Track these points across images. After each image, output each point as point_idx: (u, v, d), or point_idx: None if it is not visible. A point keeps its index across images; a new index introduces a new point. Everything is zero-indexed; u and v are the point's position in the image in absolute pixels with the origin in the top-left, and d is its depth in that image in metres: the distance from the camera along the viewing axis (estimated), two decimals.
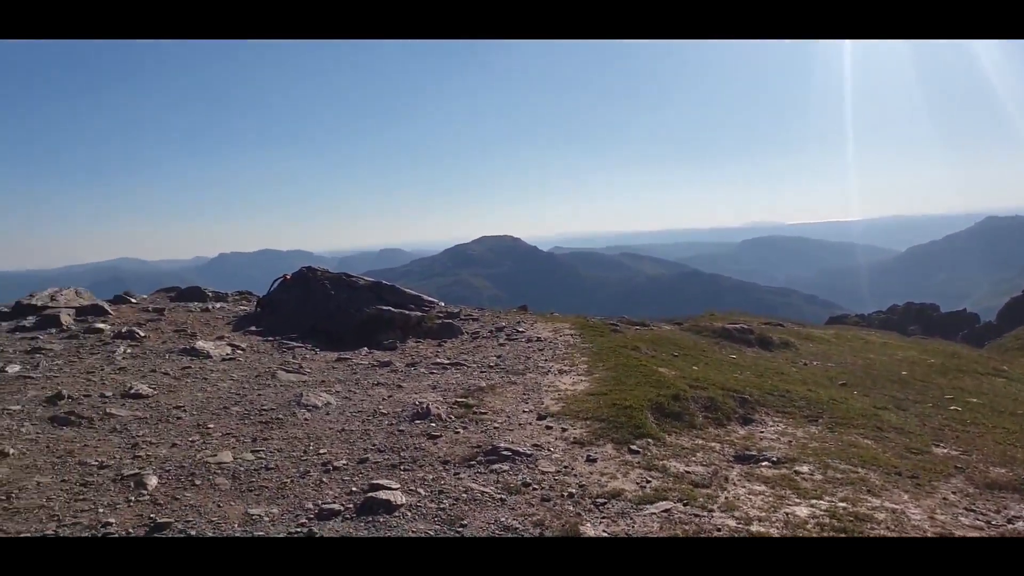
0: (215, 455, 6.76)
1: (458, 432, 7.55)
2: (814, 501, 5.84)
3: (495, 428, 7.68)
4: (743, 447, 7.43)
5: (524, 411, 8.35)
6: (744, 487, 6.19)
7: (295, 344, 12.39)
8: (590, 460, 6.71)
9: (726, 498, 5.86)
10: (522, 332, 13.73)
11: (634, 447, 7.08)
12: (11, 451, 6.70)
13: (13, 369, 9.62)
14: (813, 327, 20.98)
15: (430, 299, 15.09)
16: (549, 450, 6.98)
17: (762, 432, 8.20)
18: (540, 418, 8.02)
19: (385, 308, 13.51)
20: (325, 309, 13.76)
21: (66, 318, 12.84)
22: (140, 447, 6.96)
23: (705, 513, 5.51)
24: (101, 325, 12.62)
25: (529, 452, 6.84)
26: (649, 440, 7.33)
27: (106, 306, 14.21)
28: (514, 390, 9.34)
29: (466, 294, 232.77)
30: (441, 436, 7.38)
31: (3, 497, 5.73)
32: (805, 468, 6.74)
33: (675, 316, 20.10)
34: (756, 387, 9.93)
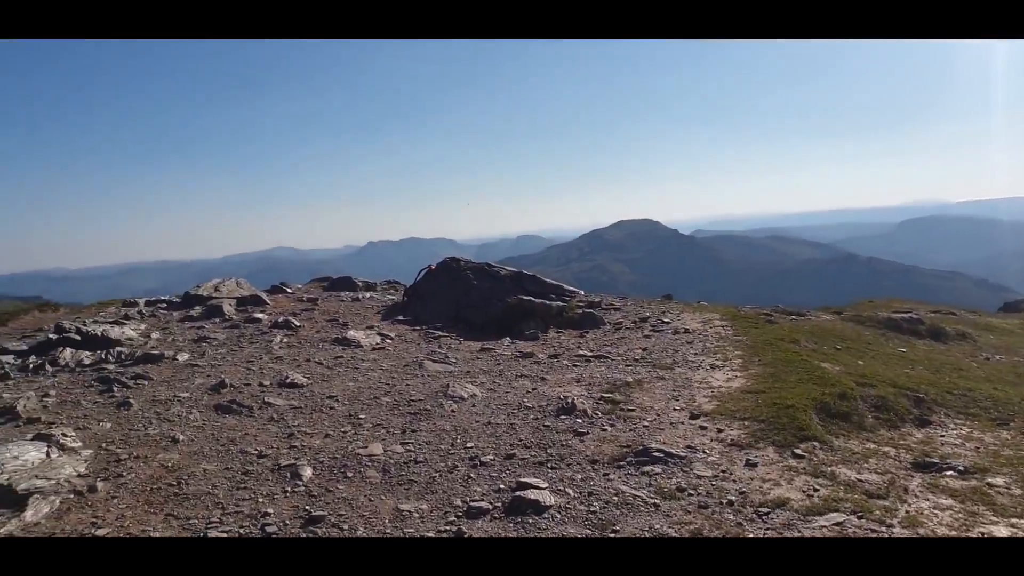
0: (366, 447, 6.87)
1: (605, 429, 7.32)
2: (1015, 520, 5.17)
3: (644, 427, 7.39)
4: (922, 453, 6.75)
5: (675, 409, 8.00)
6: (927, 500, 5.59)
7: (440, 333, 12.54)
8: (750, 464, 6.30)
9: (907, 512, 5.31)
10: (668, 323, 13.29)
11: (798, 451, 6.60)
12: (181, 437, 7.09)
13: (183, 357, 10.25)
14: (991, 316, 19.16)
15: (571, 288, 14.91)
16: (704, 452, 6.63)
17: (942, 436, 7.43)
18: (693, 417, 7.65)
19: (526, 298, 13.44)
20: (468, 299, 13.87)
21: (228, 308, 13.60)
22: (296, 437, 7.18)
23: (883, 528, 5.01)
24: (260, 315, 13.27)
25: (683, 454, 6.52)
26: (815, 443, 6.81)
27: (264, 296, 14.96)
28: (663, 386, 8.99)
29: (604, 280, 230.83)
30: (588, 433, 7.18)
31: (174, 483, 6.04)
32: (1000, 480, 6.01)
33: (829, 304, 18.93)
34: (932, 385, 9.07)
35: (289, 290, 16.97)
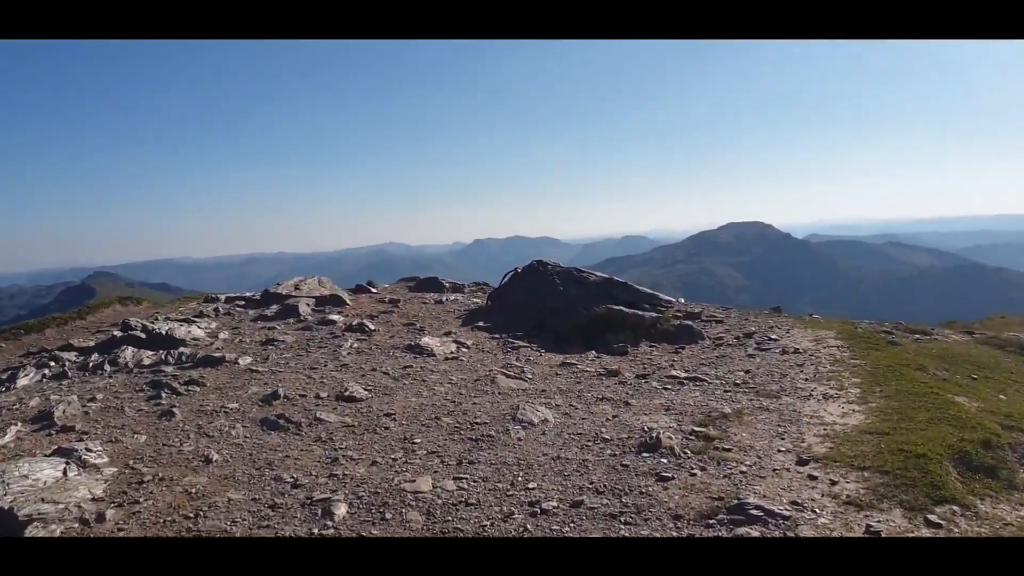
0: (414, 480, 6.02)
1: (695, 474, 6.18)
2: None
3: (741, 473, 6.19)
4: None
5: (779, 450, 6.75)
6: None
7: (521, 343, 11.62)
8: (871, 532, 5.07)
9: None
10: (775, 340, 11.91)
11: (932, 516, 5.29)
12: (215, 457, 6.44)
13: (245, 361, 9.71)
14: None
15: (666, 297, 13.71)
16: (814, 512, 5.40)
17: None
18: (800, 463, 6.39)
19: (616, 308, 12.34)
20: (553, 305, 12.90)
21: (304, 308, 13.10)
22: (339, 463, 6.41)
23: None
24: (335, 316, 12.71)
25: (786, 513, 5.32)
26: (953, 507, 5.47)
27: (345, 296, 14.43)
28: (766, 419, 7.72)
29: (710, 283, 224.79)
30: (673, 478, 6.07)
31: (192, 515, 5.36)
32: None
33: (954, 318, 16.91)
34: None
35: (374, 290, 16.44)
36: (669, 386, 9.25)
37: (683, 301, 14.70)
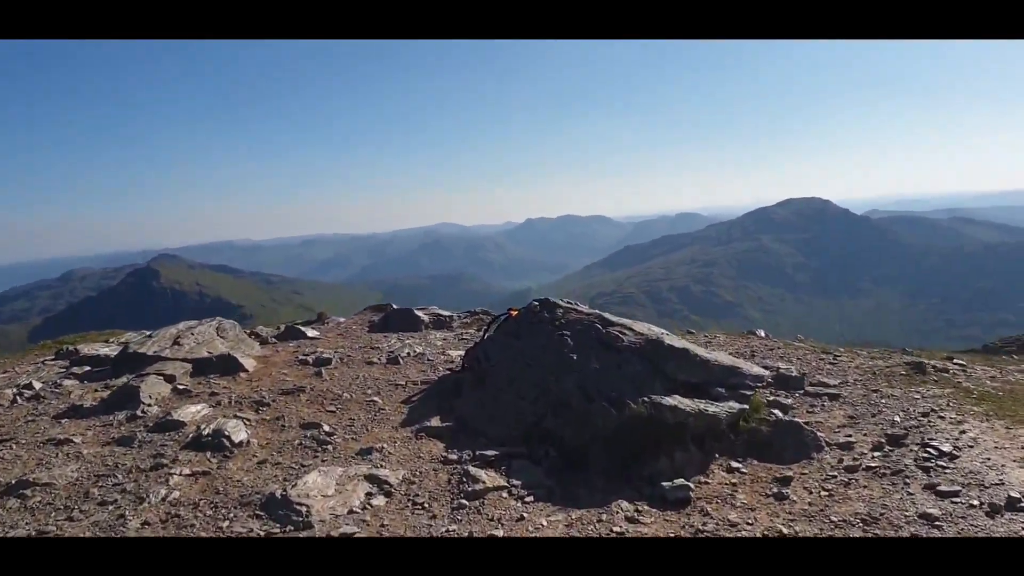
0: None
1: None
2: None
3: None
4: None
5: None
6: None
7: (492, 476, 6.39)
8: None
9: None
10: (946, 454, 6.51)
11: None
12: None
13: None
14: None
15: (750, 370, 8.08)
16: None
17: None
18: None
19: (668, 403, 6.93)
20: (561, 393, 7.48)
21: (156, 390, 8.05)
22: None
23: None
24: (192, 409, 7.61)
25: None
26: None
27: (247, 357, 9.33)
28: None
29: (768, 262, 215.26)
30: None
31: None
32: None
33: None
34: None
35: (312, 333, 11.38)
36: None
37: (777, 368, 9.28)
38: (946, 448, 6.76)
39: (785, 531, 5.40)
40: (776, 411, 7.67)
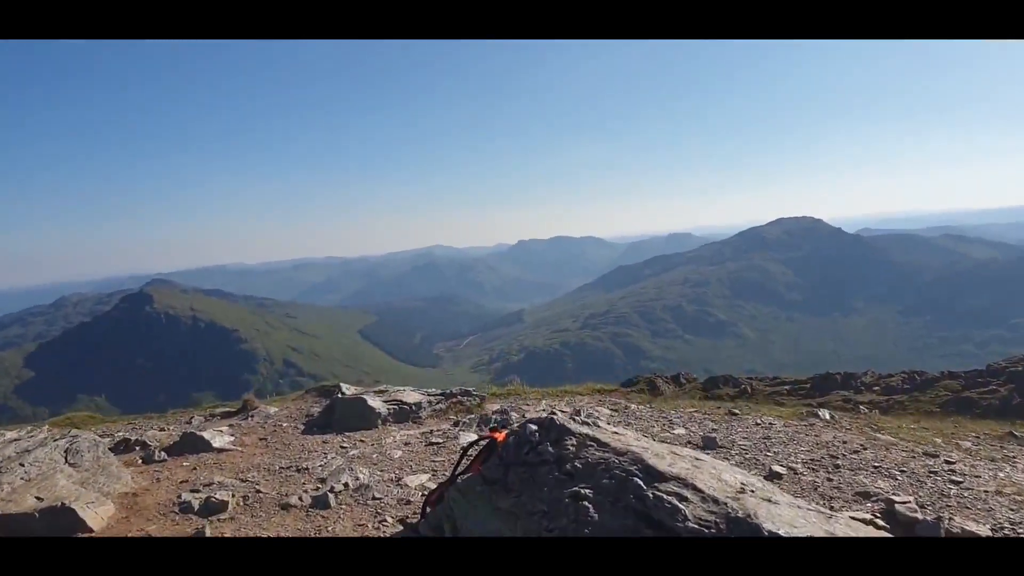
0: None
1: None
2: None
3: None
4: None
5: None
6: None
7: None
8: None
9: None
10: None
11: None
12: None
13: None
14: None
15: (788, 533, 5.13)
16: None
17: None
18: None
19: None
20: None
21: None
22: None
23: None
24: None
25: None
26: None
27: (91, 514, 6.23)
28: None
29: (761, 281, 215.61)
30: None
31: None
32: None
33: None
34: None
35: (217, 445, 8.79)
36: None
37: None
38: None
39: None
40: None
